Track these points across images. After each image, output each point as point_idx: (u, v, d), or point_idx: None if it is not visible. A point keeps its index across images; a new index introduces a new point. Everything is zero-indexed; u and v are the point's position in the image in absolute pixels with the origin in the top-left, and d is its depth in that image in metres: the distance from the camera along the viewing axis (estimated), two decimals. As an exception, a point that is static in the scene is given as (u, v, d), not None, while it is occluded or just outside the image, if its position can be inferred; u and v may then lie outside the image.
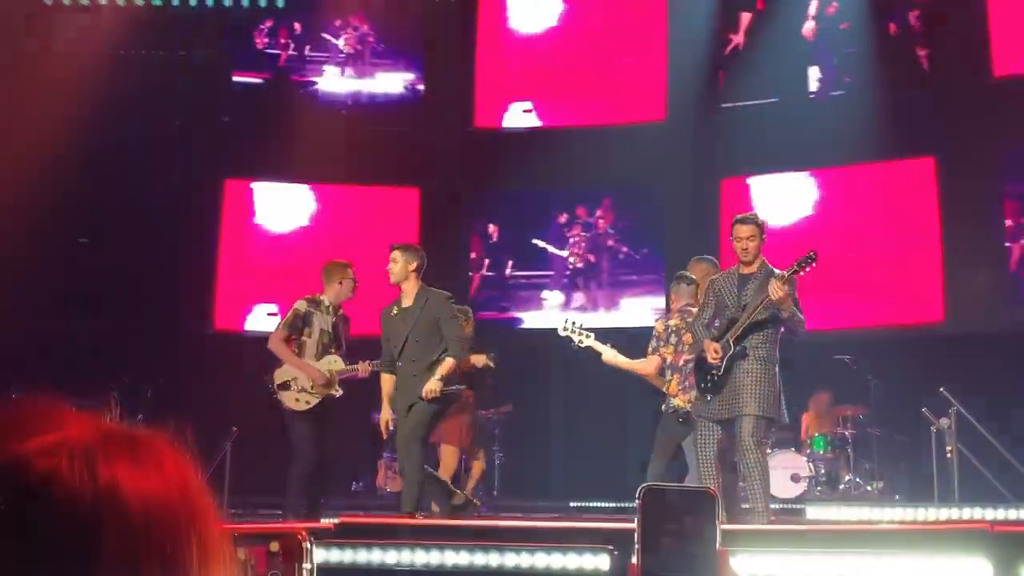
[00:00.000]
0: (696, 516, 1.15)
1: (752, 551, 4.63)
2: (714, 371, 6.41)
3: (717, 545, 1.10)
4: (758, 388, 6.36)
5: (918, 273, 12.23)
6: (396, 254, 7.29)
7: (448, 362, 7.03)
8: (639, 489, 1.10)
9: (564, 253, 13.41)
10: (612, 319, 12.60)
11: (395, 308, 7.27)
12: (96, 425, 0.85)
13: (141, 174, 12.27)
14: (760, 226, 6.69)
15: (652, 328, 7.57)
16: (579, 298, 13.30)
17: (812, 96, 12.96)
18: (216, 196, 13.69)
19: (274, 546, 1.04)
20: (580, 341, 7.49)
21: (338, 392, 7.57)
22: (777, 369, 6.58)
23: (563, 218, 13.58)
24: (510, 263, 13.64)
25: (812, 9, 12.92)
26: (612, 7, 13.92)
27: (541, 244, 13.57)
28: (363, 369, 7.65)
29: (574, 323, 7.62)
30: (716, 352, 6.36)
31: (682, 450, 7.31)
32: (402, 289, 7.28)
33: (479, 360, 8.34)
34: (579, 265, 13.40)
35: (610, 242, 13.29)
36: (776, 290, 6.27)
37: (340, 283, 7.64)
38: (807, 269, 6.55)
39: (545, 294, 13.50)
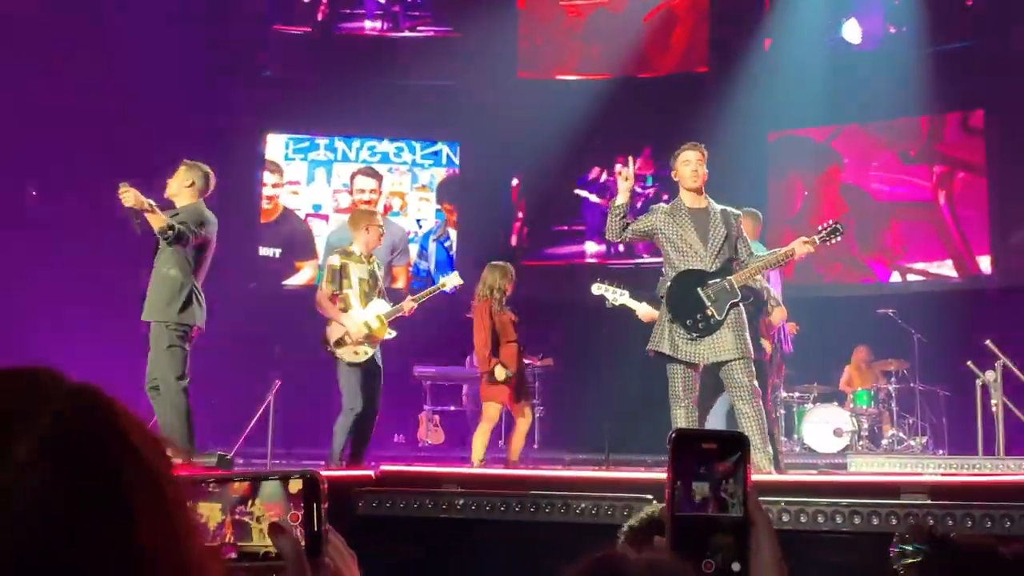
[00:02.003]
0: (727, 460, 1.14)
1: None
2: (708, 312, 6.20)
3: (747, 487, 1.10)
4: (745, 331, 6.26)
5: (964, 225, 12.07)
6: (180, 169, 7.05)
7: None
8: (668, 435, 1.10)
9: (603, 201, 13.36)
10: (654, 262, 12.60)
11: None
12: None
13: (182, 127, 12.31)
14: (706, 155, 6.47)
15: None
16: (619, 246, 13.31)
17: (856, 47, 12.76)
18: (257, 149, 13.74)
19: (294, 486, 1.06)
20: (614, 299, 7.43)
21: (391, 334, 7.64)
22: None
23: (600, 170, 13.56)
24: (551, 213, 13.66)
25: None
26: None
27: (583, 194, 13.54)
28: (408, 307, 7.74)
29: (608, 281, 7.54)
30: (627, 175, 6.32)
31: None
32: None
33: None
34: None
35: (651, 191, 13.21)
36: (804, 250, 6.31)
37: (366, 230, 7.66)
38: (832, 241, 6.48)
39: (587, 244, 13.52)
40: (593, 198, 13.50)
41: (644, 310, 7.50)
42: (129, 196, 6.35)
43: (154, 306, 6.68)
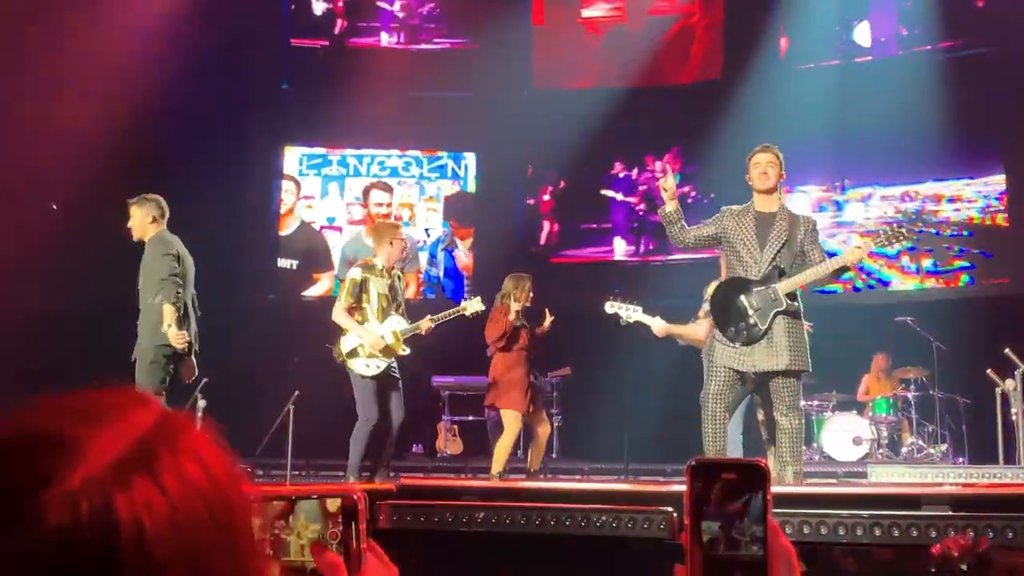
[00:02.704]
0: (746, 490, 1.14)
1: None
2: (751, 321, 6.06)
3: (768, 517, 1.10)
4: (798, 343, 6.10)
5: (983, 233, 12.04)
6: (132, 209, 7.11)
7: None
8: (687, 464, 1.10)
9: (632, 199, 13.46)
10: (681, 256, 12.61)
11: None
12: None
13: (202, 144, 12.39)
14: (780, 158, 6.27)
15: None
16: (645, 242, 13.40)
17: (871, 57, 12.78)
18: (275, 162, 13.83)
19: (332, 505, 1.08)
20: (628, 317, 7.35)
21: (405, 351, 7.66)
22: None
23: (625, 168, 13.64)
24: (576, 214, 13.76)
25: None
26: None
27: (610, 194, 13.62)
28: (425, 327, 7.74)
29: (620, 298, 7.47)
30: (666, 187, 6.18)
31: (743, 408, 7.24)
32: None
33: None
34: (642, 209, 13.50)
35: (686, 189, 13.31)
36: (856, 257, 6.12)
37: (391, 244, 7.69)
38: (894, 245, 6.32)
39: (616, 242, 13.64)
40: (620, 196, 13.60)
41: (659, 325, 7.48)
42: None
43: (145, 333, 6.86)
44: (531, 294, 8.39)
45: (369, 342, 7.48)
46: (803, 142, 12.55)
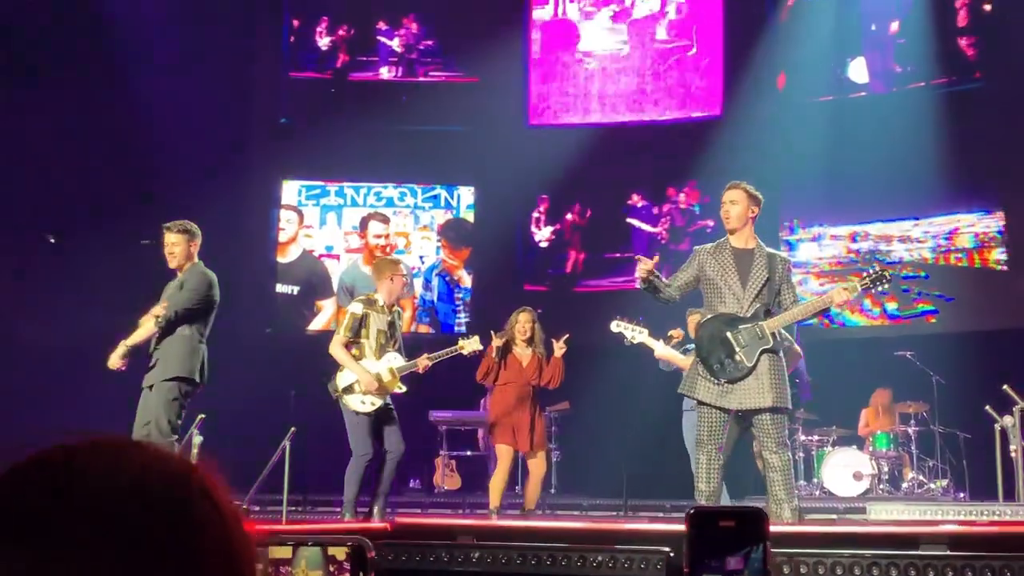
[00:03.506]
0: (745, 537, 1.12)
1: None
2: (738, 358, 6.03)
3: (767, 564, 1.08)
4: (782, 381, 6.07)
5: (983, 270, 12.05)
6: (176, 236, 7.02)
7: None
8: (686, 511, 1.08)
9: (656, 229, 13.65)
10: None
11: None
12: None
13: (201, 174, 12.42)
14: (751, 194, 6.26)
15: None
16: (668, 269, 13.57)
17: (866, 93, 12.87)
18: (274, 193, 13.89)
19: (340, 552, 1.07)
20: (632, 337, 7.33)
21: (402, 389, 7.61)
22: None
23: (644, 200, 13.75)
24: (597, 244, 13.88)
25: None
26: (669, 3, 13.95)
27: (635, 223, 13.70)
28: (422, 365, 7.70)
29: (627, 319, 7.45)
30: (644, 266, 6.14)
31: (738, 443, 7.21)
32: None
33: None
34: (665, 237, 13.58)
35: (698, 219, 13.50)
36: (843, 298, 6.10)
37: (391, 280, 7.64)
38: (878, 288, 6.32)
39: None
40: (645, 226, 13.71)
41: (661, 349, 7.49)
42: (114, 359, 6.69)
43: (163, 366, 6.76)
44: (527, 326, 8.33)
45: (364, 381, 7.43)
46: (801, 177, 12.64)
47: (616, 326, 7.26)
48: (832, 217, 12.96)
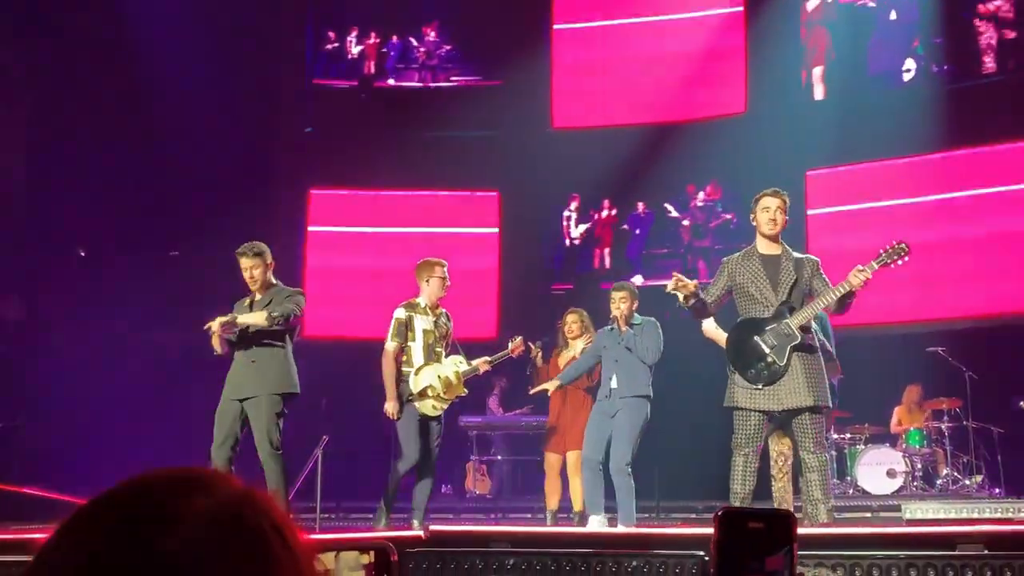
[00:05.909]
0: (774, 539, 1.12)
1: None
2: (769, 360, 6.03)
3: (792, 569, 1.08)
4: (821, 379, 6.08)
5: (1012, 261, 11.93)
6: (254, 260, 7.06)
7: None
8: (714, 514, 1.09)
9: (686, 223, 13.66)
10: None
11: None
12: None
13: (226, 183, 12.50)
14: (787, 203, 6.29)
15: None
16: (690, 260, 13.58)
17: (895, 85, 12.81)
18: (301, 205, 13.93)
19: (365, 558, 1.09)
20: (685, 303, 7.02)
21: (465, 392, 7.63)
22: None
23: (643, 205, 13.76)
24: (624, 242, 13.91)
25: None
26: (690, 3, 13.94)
27: (672, 212, 13.68)
28: (483, 368, 7.73)
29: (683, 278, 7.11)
30: (680, 282, 6.10)
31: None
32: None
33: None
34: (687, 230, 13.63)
35: (721, 214, 13.53)
36: (860, 278, 5.96)
37: (427, 282, 7.60)
38: (897, 263, 6.21)
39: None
40: (678, 214, 13.74)
41: (709, 323, 7.23)
42: (215, 324, 6.72)
43: (268, 379, 6.87)
44: (574, 327, 8.52)
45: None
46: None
47: (671, 288, 6.73)
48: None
